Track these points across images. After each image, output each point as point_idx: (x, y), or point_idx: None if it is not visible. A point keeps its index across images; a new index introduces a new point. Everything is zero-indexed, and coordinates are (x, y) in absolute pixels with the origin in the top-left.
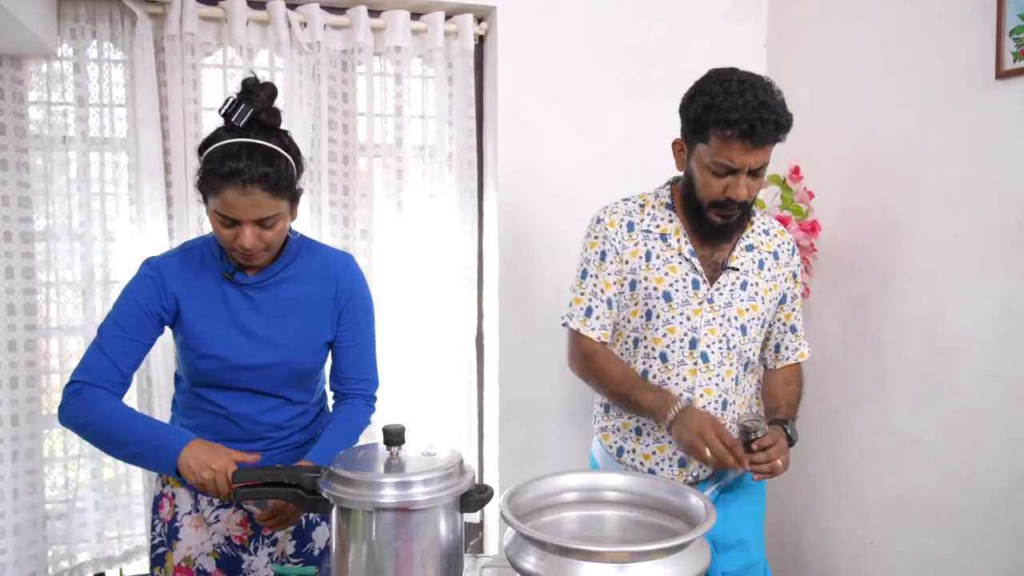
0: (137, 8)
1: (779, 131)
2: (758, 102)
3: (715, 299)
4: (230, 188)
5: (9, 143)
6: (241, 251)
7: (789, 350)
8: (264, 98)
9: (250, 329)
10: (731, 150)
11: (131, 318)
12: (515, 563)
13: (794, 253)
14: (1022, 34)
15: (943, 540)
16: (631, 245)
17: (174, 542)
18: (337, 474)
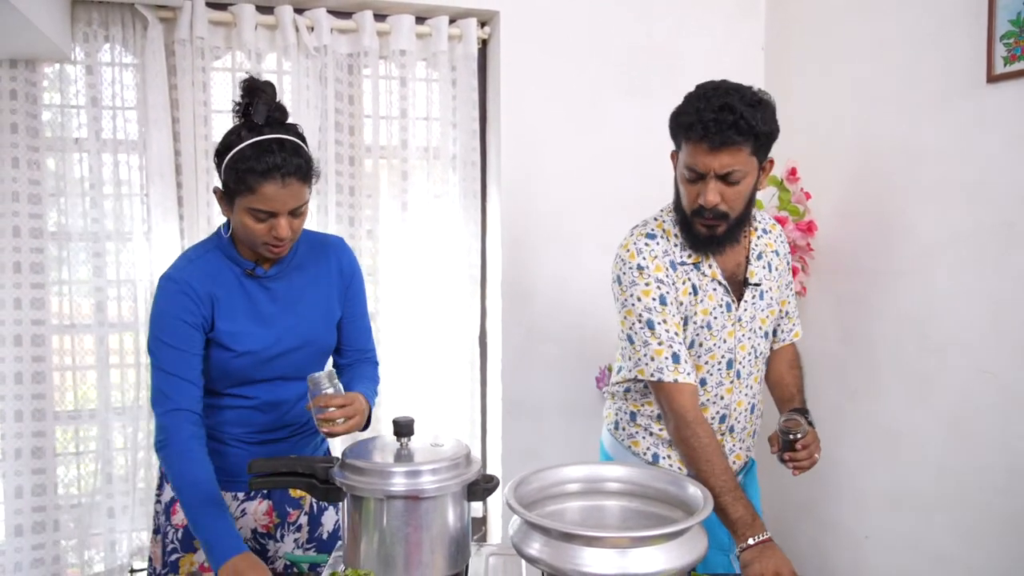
0: (149, 13)
1: (739, 134)
2: (720, 105)
3: (743, 317)
4: (269, 183)
5: (21, 142)
6: (275, 242)
7: (785, 332)
8: (271, 95)
9: (273, 320)
10: (695, 153)
11: (182, 336)
12: (520, 549)
13: (784, 242)
14: (1012, 39)
15: (937, 533)
16: (680, 284)
17: (195, 542)
18: (349, 464)
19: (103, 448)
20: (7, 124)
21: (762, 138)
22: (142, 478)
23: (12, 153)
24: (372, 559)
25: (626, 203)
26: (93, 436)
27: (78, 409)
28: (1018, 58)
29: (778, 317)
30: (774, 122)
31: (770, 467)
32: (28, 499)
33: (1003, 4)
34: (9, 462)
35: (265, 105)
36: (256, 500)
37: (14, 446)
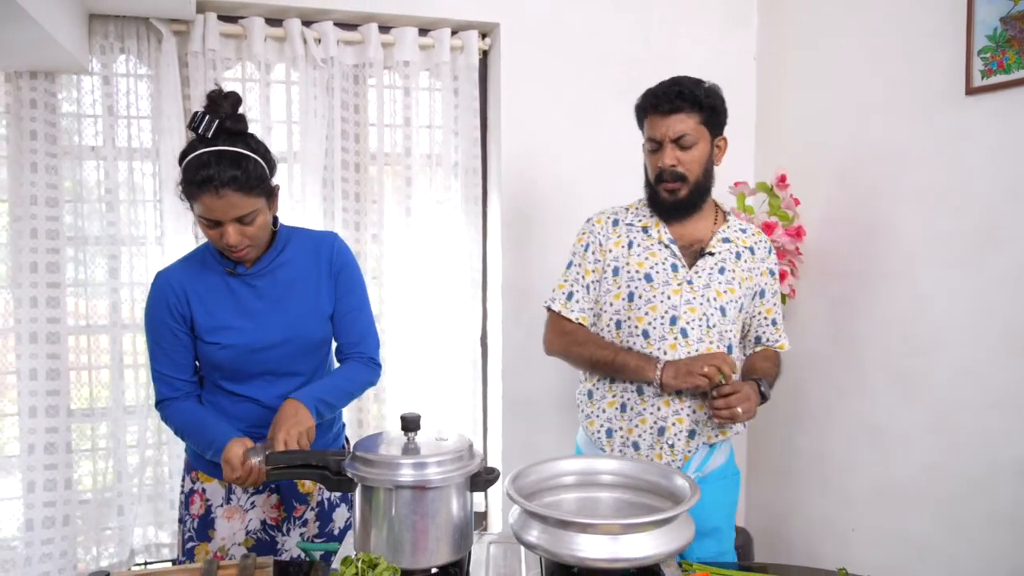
0: (163, 26)
1: (685, 101)
2: (670, 82)
3: (694, 280)
4: (205, 194)
5: (40, 148)
6: (227, 248)
7: (769, 341)
8: (228, 107)
9: (257, 314)
10: (652, 124)
11: (165, 336)
12: (520, 536)
13: (771, 252)
14: (989, 54)
15: (922, 525)
16: (615, 237)
17: (210, 531)
18: (360, 456)
19: (115, 445)
20: (27, 132)
21: (707, 110)
22: (152, 475)
23: (31, 159)
24: (382, 545)
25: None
26: (106, 434)
27: (92, 407)
28: (995, 72)
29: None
30: (720, 100)
31: (761, 464)
32: (41, 494)
33: (981, 20)
34: (23, 457)
35: (215, 117)
36: (265, 494)
37: (28, 442)
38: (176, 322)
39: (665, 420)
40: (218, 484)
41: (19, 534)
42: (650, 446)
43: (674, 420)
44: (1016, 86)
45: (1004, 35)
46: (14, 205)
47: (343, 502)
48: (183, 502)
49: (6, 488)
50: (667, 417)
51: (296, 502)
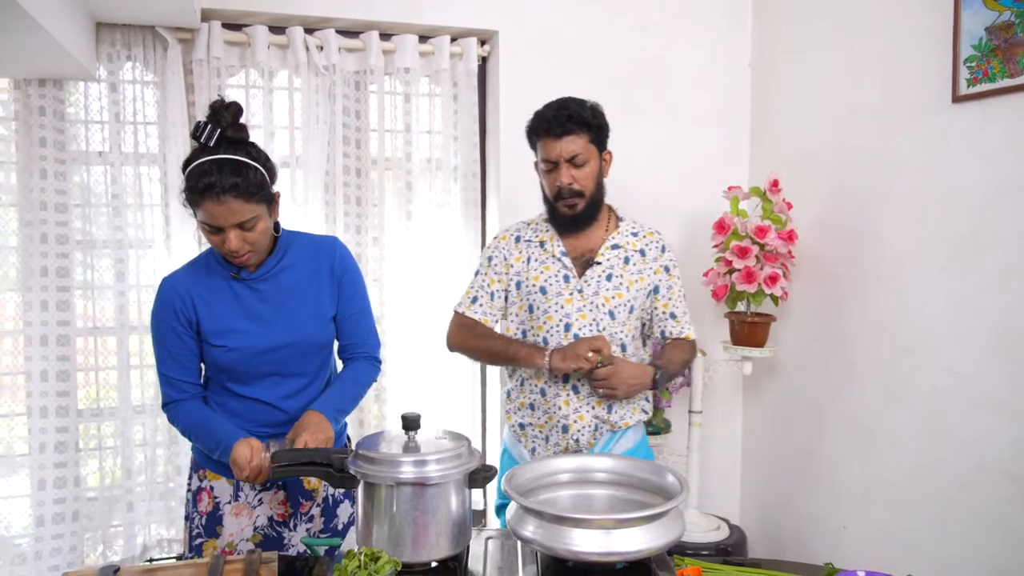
0: (168, 34)
1: (575, 123)
2: (558, 106)
3: (584, 289)
4: (207, 201)
5: (49, 155)
6: (229, 254)
7: (673, 334)
8: (229, 117)
9: (262, 317)
10: (545, 147)
11: (172, 340)
12: (516, 532)
13: (664, 251)
14: (974, 63)
15: (909, 522)
16: (516, 253)
17: (218, 528)
18: (363, 454)
19: (122, 444)
20: (36, 138)
21: (594, 129)
22: (160, 474)
23: (41, 165)
24: (383, 540)
25: None
26: (113, 432)
27: (100, 407)
28: (980, 80)
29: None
30: (603, 119)
31: (754, 463)
32: (51, 491)
33: (967, 30)
34: (34, 456)
35: (216, 127)
36: (272, 491)
37: (39, 441)
38: (182, 326)
39: (567, 419)
40: (226, 482)
41: (29, 530)
42: (556, 443)
43: (575, 418)
44: (1000, 94)
45: (989, 45)
46: (24, 210)
47: (347, 498)
48: (190, 499)
49: (16, 486)
50: (568, 415)
51: (302, 498)
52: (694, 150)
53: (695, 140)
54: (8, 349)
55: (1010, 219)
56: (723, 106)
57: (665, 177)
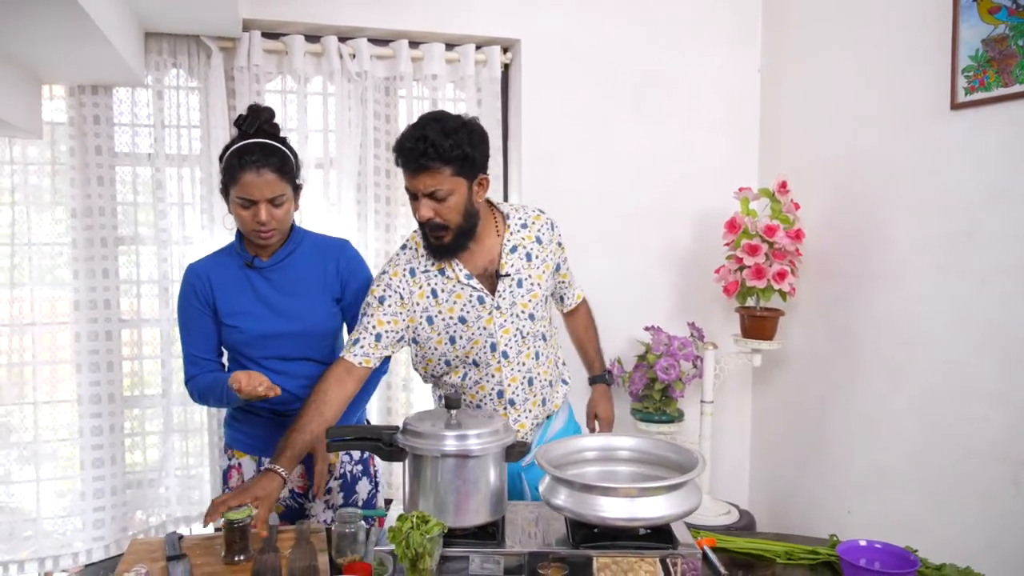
0: (212, 43)
1: (429, 157)
2: (417, 136)
3: (501, 305)
4: (247, 173)
5: (104, 162)
6: (258, 227)
7: (570, 298)
8: (266, 115)
9: (271, 303)
10: (405, 176)
11: (193, 318)
12: (548, 500)
13: (553, 228)
14: (971, 72)
15: (910, 505)
16: (417, 289)
17: None
18: (410, 430)
19: (161, 429)
20: (92, 146)
21: (457, 162)
22: (194, 456)
23: (97, 173)
24: (429, 507)
25: (630, 213)
26: (152, 418)
27: (142, 394)
28: (977, 89)
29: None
30: (472, 145)
31: (763, 450)
32: (93, 470)
33: (964, 41)
34: (87, 438)
35: (256, 120)
36: None
37: (90, 425)
38: (202, 306)
39: (501, 384)
40: (250, 459)
41: (77, 504)
42: (493, 408)
43: (509, 381)
44: (995, 102)
45: (985, 56)
46: (83, 215)
47: (364, 475)
48: (223, 477)
49: (65, 466)
50: (502, 381)
51: None
52: (705, 153)
53: (706, 143)
54: (60, 343)
55: (1003, 219)
56: (733, 111)
57: (677, 179)
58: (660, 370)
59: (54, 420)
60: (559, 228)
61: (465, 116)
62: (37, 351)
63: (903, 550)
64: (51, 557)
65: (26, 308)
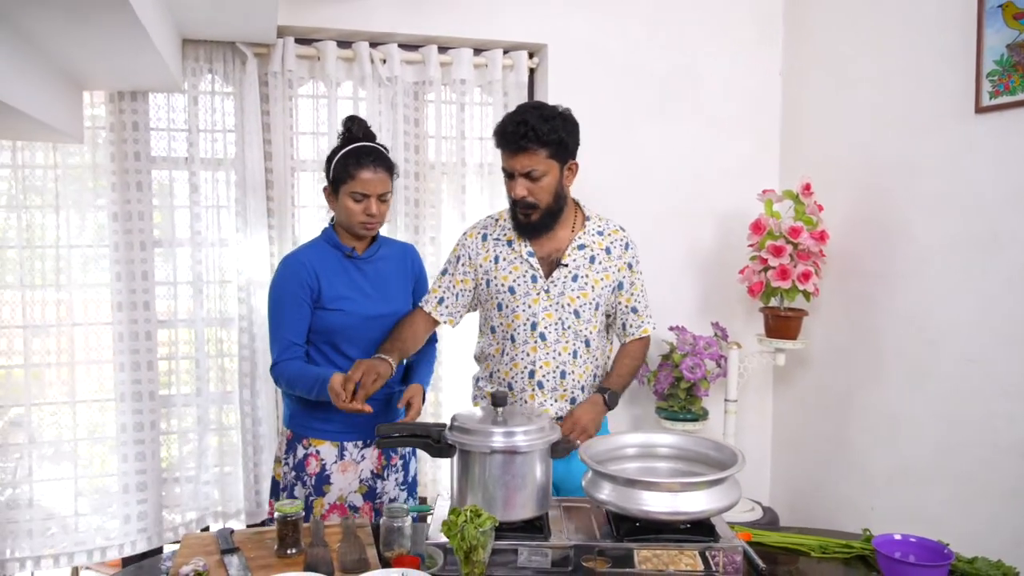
0: (247, 49)
1: (530, 141)
2: (518, 120)
3: (551, 289)
4: (365, 170)
5: (143, 167)
6: (367, 219)
7: (633, 327)
8: (365, 124)
9: (366, 290)
10: (505, 158)
11: (293, 302)
12: (591, 494)
13: (628, 248)
14: (996, 77)
15: (934, 502)
16: (484, 252)
17: (325, 487)
18: (458, 426)
19: (197, 426)
20: (131, 152)
21: (553, 145)
22: (230, 453)
23: (136, 178)
24: (477, 502)
25: (654, 213)
26: (188, 415)
27: (178, 393)
28: (1001, 93)
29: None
30: (567, 132)
31: (786, 447)
32: (140, 463)
33: (989, 47)
34: (128, 433)
35: (360, 127)
36: (371, 447)
37: (132, 421)
38: (304, 292)
39: (534, 364)
40: (330, 445)
41: (116, 498)
42: (522, 388)
43: (542, 364)
44: (1020, 106)
45: (1010, 60)
46: (123, 219)
47: (412, 455)
48: (294, 467)
49: (104, 463)
50: (535, 361)
51: (392, 452)
52: (727, 154)
53: (728, 145)
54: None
55: None
56: (755, 113)
57: (699, 180)
58: (686, 369)
59: (92, 419)
60: (638, 253)
61: (560, 107)
62: (80, 351)
63: (937, 543)
64: (86, 551)
65: (69, 309)
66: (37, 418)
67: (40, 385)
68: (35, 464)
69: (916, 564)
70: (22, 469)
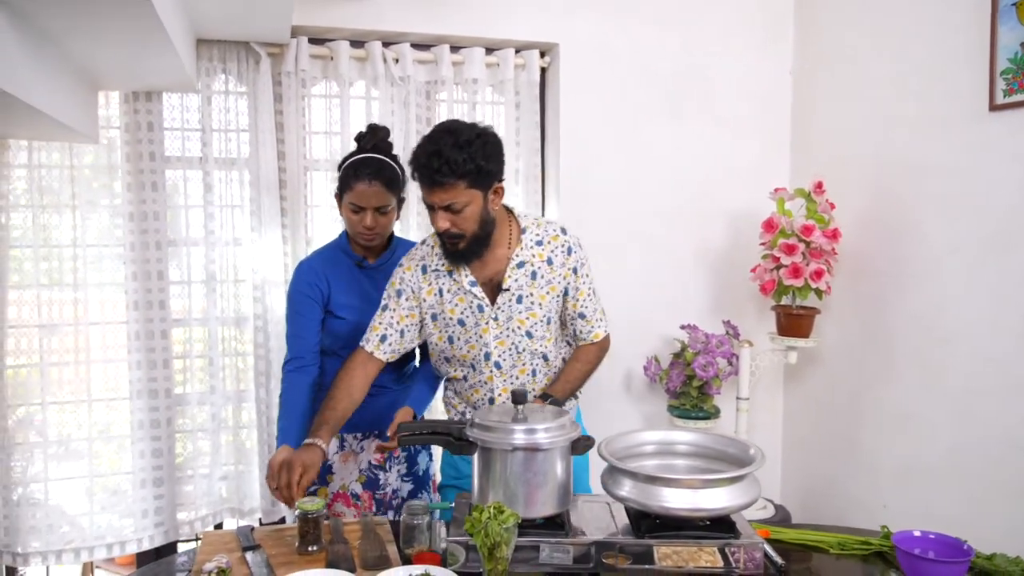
0: (261, 49)
1: (446, 176)
2: (431, 151)
3: (499, 316)
4: (360, 182)
5: (157, 167)
6: (364, 231)
7: (583, 333)
8: (382, 134)
9: (375, 300)
10: (422, 190)
11: (305, 306)
12: (611, 491)
13: (571, 252)
14: (1010, 75)
15: (946, 500)
16: (426, 286)
17: (328, 477)
18: (479, 423)
19: (211, 423)
20: (146, 152)
21: (471, 175)
22: (244, 450)
23: (152, 178)
24: (499, 498)
25: (665, 213)
26: (201, 413)
27: (192, 391)
28: (1016, 91)
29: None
30: (486, 157)
31: (797, 446)
32: (157, 459)
33: (1003, 45)
34: (145, 430)
35: (373, 137)
36: (370, 439)
37: (149, 418)
38: (316, 297)
39: (492, 392)
40: None
41: (134, 492)
42: None
43: (500, 391)
44: None
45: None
46: (138, 219)
47: (423, 449)
48: None
49: (119, 459)
50: (494, 389)
51: None
52: (737, 154)
53: (738, 144)
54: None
55: None
56: (765, 112)
57: (710, 179)
58: (698, 367)
59: (107, 416)
60: (583, 255)
61: (479, 125)
62: (95, 350)
63: (956, 540)
64: (105, 545)
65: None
66: (53, 416)
67: (55, 383)
68: (50, 461)
69: (937, 560)
70: (38, 466)
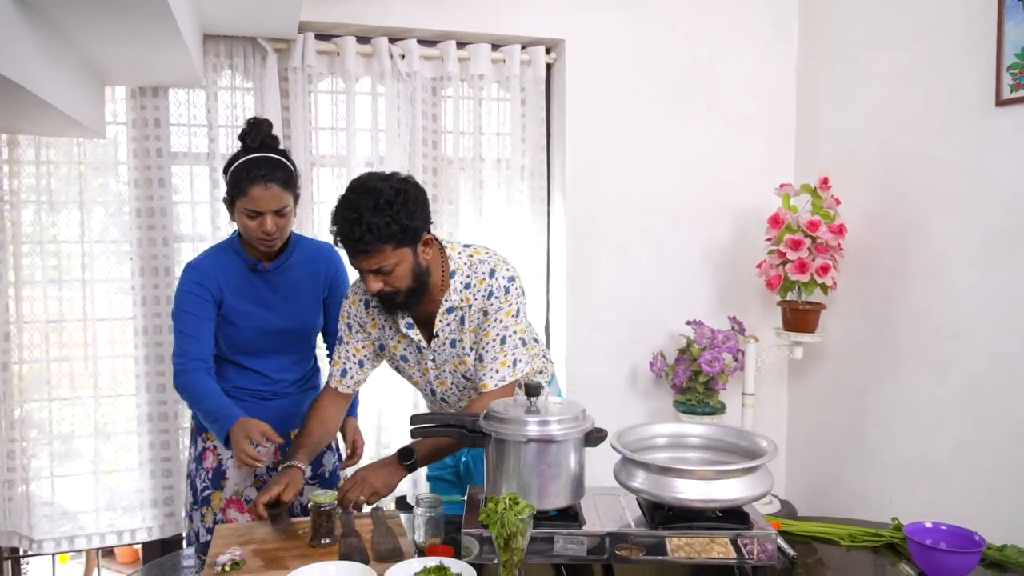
0: (268, 45)
1: (365, 243)
2: (351, 218)
3: (436, 358)
4: (256, 187)
5: (164, 164)
6: (264, 237)
7: (476, 377)
8: (266, 128)
9: (272, 304)
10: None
11: (195, 304)
12: (624, 483)
13: (490, 296)
14: (1017, 70)
15: (952, 496)
16: (369, 320)
17: (222, 482)
18: (493, 416)
19: None
20: (153, 149)
21: (396, 238)
22: None
23: (159, 175)
24: (512, 490)
25: (670, 209)
26: None
27: None
28: (1022, 86)
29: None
30: (410, 214)
31: (802, 440)
32: (160, 451)
33: (1010, 39)
34: (154, 423)
35: (259, 134)
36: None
37: (158, 411)
38: (208, 303)
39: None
40: None
41: (142, 482)
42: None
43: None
44: None
45: None
46: (146, 215)
47: (328, 449)
48: (195, 459)
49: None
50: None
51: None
52: (742, 151)
53: (744, 141)
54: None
55: None
56: (770, 109)
57: (716, 176)
58: (704, 363)
59: (115, 408)
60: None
61: (396, 179)
62: (103, 345)
63: (968, 531)
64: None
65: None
66: (61, 411)
67: (64, 378)
68: (57, 455)
69: (949, 551)
70: (46, 459)
